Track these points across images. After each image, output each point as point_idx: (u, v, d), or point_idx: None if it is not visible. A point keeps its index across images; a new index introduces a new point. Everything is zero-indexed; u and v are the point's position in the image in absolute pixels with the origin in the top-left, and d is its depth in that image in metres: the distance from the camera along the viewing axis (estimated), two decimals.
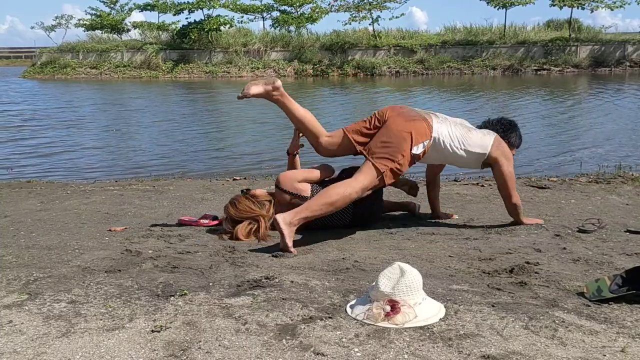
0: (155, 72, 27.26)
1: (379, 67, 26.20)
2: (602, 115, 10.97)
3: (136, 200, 4.26)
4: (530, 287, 2.33)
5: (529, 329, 1.91)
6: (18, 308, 2.13)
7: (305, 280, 2.38)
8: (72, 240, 3.10)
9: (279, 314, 2.03)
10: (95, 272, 2.53)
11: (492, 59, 26.27)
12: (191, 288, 2.30)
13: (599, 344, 1.81)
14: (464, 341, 1.82)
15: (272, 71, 26.67)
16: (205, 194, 4.49)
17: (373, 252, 2.88)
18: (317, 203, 2.95)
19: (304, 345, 1.80)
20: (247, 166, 6.98)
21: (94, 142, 9.20)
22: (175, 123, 11.55)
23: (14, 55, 49.00)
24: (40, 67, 29.04)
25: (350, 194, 3.00)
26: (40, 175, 6.42)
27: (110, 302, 2.16)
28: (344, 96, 17.54)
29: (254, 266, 2.61)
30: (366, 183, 3.07)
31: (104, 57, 28.61)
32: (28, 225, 3.51)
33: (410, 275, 2.04)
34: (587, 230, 3.28)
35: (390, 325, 1.93)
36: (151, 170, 6.70)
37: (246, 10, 30.72)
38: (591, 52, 26.21)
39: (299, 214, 2.88)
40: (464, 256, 2.81)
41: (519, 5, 27.64)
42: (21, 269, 2.57)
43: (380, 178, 3.08)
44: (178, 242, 3.09)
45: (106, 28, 31.28)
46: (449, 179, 5.36)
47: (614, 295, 2.16)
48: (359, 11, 28.47)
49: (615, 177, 5.10)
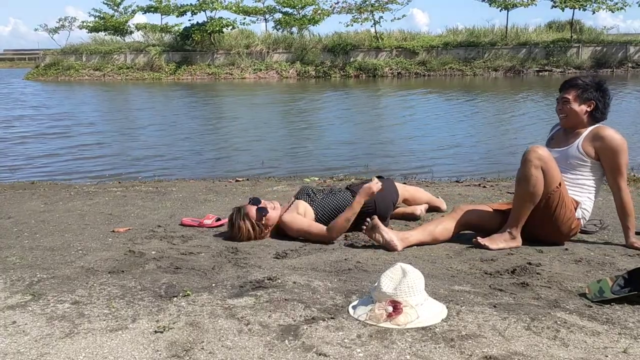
0: (158, 74, 27.32)
1: (380, 68, 26.22)
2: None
3: (139, 202, 4.27)
4: (532, 287, 2.33)
5: (531, 329, 1.91)
6: (22, 309, 2.14)
7: (308, 281, 2.38)
8: (76, 241, 3.12)
9: (281, 314, 2.04)
10: (99, 273, 2.54)
11: (494, 60, 26.26)
12: (194, 289, 2.30)
13: (601, 345, 1.81)
14: (466, 342, 1.82)
15: (275, 73, 26.71)
16: (208, 195, 4.50)
17: (375, 253, 2.88)
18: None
19: (306, 345, 1.81)
20: (250, 167, 6.99)
21: (98, 143, 9.21)
22: (177, 124, 11.56)
23: (18, 57, 49.11)
24: (43, 69, 29.14)
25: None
26: (43, 176, 6.44)
27: (113, 303, 2.17)
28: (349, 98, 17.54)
29: (257, 267, 2.62)
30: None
31: (107, 59, 28.69)
32: (32, 226, 3.52)
33: (412, 276, 2.04)
34: (589, 231, 3.28)
35: (392, 325, 1.94)
36: (154, 171, 6.71)
37: (248, 12, 30.77)
38: (593, 53, 26.18)
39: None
40: (465, 257, 2.81)
41: (520, 6, 27.65)
42: (25, 270, 2.58)
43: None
44: (181, 243, 3.10)
45: (109, 30, 31.35)
46: (450, 180, 5.37)
47: (616, 296, 2.15)
48: (360, 13, 28.50)
49: None
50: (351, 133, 10.31)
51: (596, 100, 2.99)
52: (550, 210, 2.90)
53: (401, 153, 8.00)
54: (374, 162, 7.17)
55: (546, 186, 2.84)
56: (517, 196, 2.93)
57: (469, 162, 7.18)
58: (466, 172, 6.24)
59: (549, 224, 2.94)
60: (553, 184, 2.85)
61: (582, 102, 3.00)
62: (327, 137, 9.85)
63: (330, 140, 9.33)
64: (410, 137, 9.47)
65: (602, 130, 2.97)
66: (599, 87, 3.01)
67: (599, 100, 2.99)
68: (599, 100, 2.99)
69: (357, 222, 3.28)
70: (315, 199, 3.32)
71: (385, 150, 8.34)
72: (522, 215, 2.91)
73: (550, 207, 2.89)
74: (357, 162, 7.13)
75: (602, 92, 3.01)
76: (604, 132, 2.96)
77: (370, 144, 8.95)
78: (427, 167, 6.73)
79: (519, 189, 2.90)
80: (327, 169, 6.63)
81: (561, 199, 2.89)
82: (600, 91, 3.00)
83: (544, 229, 2.97)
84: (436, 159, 7.41)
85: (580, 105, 3.00)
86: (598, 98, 2.99)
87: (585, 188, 3.02)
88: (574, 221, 2.97)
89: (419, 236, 3.01)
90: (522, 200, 2.89)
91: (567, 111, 3.03)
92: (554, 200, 2.88)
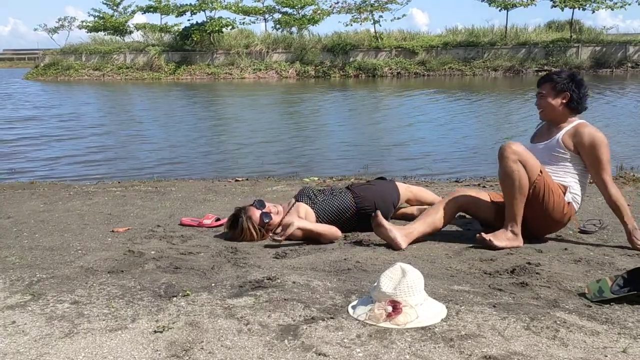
0: (158, 74, 27.32)
1: (380, 68, 26.23)
2: (603, 116, 10.97)
3: (138, 201, 4.27)
4: (531, 287, 2.33)
5: (531, 329, 1.91)
6: (21, 309, 2.14)
7: (307, 281, 2.38)
8: (75, 241, 3.12)
9: (281, 314, 2.04)
10: (98, 272, 2.54)
11: (494, 60, 26.27)
12: (193, 289, 2.31)
13: (601, 345, 1.81)
14: (466, 342, 1.82)
15: (274, 72, 26.71)
16: (207, 195, 4.50)
17: (374, 253, 2.88)
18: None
19: (305, 345, 1.81)
20: (249, 167, 6.99)
21: (98, 143, 9.21)
22: (177, 124, 11.56)
23: (17, 57, 49.09)
24: (43, 69, 29.13)
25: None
26: (43, 176, 6.44)
27: (113, 303, 2.17)
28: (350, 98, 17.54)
29: (256, 267, 2.62)
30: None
31: (107, 58, 28.69)
32: (31, 226, 3.52)
33: (411, 275, 2.04)
34: (589, 230, 3.28)
35: (391, 325, 1.94)
36: (153, 171, 6.71)
37: (248, 12, 30.77)
38: (592, 53, 26.19)
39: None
40: (465, 257, 2.81)
41: (520, 6, 27.66)
42: (24, 270, 2.58)
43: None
44: (180, 243, 3.10)
45: (109, 30, 31.35)
46: (450, 180, 5.37)
47: (616, 295, 2.16)
48: (360, 13, 28.51)
49: (616, 177, 5.09)
50: (351, 133, 10.32)
51: (570, 91, 3.07)
52: (538, 199, 2.95)
53: (401, 153, 8.00)
54: (374, 162, 7.17)
55: (528, 177, 2.91)
56: (507, 195, 2.97)
57: (468, 162, 7.18)
58: (466, 172, 6.24)
59: (540, 212, 2.98)
60: (534, 173, 2.92)
61: (556, 94, 3.09)
62: (327, 137, 9.85)
63: (329, 140, 9.34)
64: (411, 138, 9.46)
65: (581, 127, 3.05)
66: (572, 79, 3.10)
67: (573, 91, 3.07)
68: (573, 91, 3.07)
69: (359, 223, 3.28)
70: (316, 201, 3.31)
71: (385, 150, 8.34)
72: (517, 210, 2.95)
73: (538, 195, 2.95)
74: (357, 162, 7.13)
75: (575, 84, 3.09)
76: (583, 128, 3.04)
77: (370, 143, 8.95)
78: (426, 167, 6.74)
79: (505, 187, 2.95)
80: (327, 169, 6.63)
81: (546, 185, 2.95)
82: (574, 82, 3.09)
83: (537, 220, 3.02)
84: (436, 159, 7.42)
85: (556, 98, 3.09)
86: (572, 89, 3.07)
87: (571, 175, 3.08)
88: (564, 205, 3.01)
89: (422, 228, 3.06)
90: (512, 197, 2.94)
91: (544, 105, 3.13)
92: (539, 189, 2.94)
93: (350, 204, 3.29)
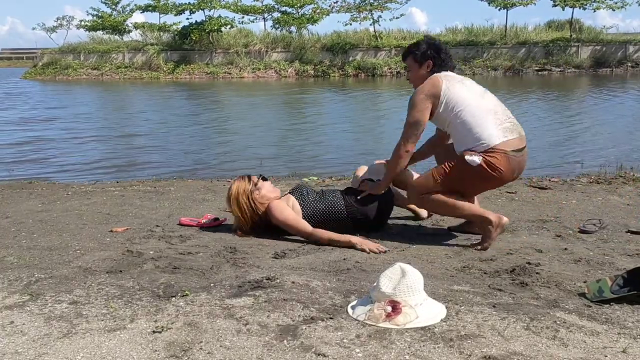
0: (157, 73, 27.29)
1: (380, 67, 26.21)
2: (603, 116, 10.97)
3: (137, 201, 4.27)
4: (531, 287, 2.33)
5: (530, 329, 1.91)
6: (19, 309, 2.13)
7: (307, 281, 2.38)
8: (74, 241, 3.11)
9: (280, 314, 2.03)
10: (97, 272, 2.53)
11: (493, 59, 26.26)
12: (192, 289, 2.30)
13: (600, 345, 1.81)
14: (465, 342, 1.82)
15: (274, 72, 26.70)
16: (206, 195, 4.49)
17: (374, 253, 2.88)
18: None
19: (305, 346, 1.80)
20: (249, 166, 6.98)
21: (96, 143, 9.20)
22: (176, 124, 11.55)
23: (15, 56, 49.06)
24: (41, 68, 29.09)
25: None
26: (41, 176, 6.43)
27: (111, 303, 2.16)
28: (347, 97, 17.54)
29: (255, 267, 2.62)
30: None
31: (105, 58, 28.65)
32: (29, 226, 3.51)
33: (411, 275, 2.04)
34: (588, 230, 3.28)
35: (391, 325, 1.93)
36: (152, 171, 6.70)
37: (247, 11, 30.74)
38: (592, 52, 26.19)
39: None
40: (464, 257, 2.81)
41: (520, 5, 27.65)
42: (22, 270, 2.57)
43: None
44: (179, 243, 3.09)
45: (107, 29, 31.33)
46: None
47: (616, 295, 2.15)
48: (359, 12, 28.50)
49: (616, 177, 5.10)
50: (351, 133, 10.31)
51: (431, 58, 3.15)
52: (453, 184, 3.00)
53: None
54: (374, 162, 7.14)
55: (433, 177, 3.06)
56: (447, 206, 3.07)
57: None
58: None
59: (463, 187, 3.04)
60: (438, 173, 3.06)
61: (420, 65, 3.17)
62: (327, 136, 9.84)
63: (329, 139, 9.33)
64: None
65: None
66: (430, 45, 3.18)
67: (434, 57, 3.16)
68: (434, 57, 3.16)
69: (355, 225, 3.27)
70: (306, 200, 3.32)
71: (385, 150, 8.32)
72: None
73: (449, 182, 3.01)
74: (357, 162, 7.11)
75: (434, 49, 3.17)
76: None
77: (370, 143, 8.94)
78: (426, 167, 6.72)
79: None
80: (327, 169, 6.62)
81: (443, 172, 3.04)
82: (433, 48, 3.17)
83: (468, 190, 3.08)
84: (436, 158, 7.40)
85: (420, 68, 3.17)
86: (433, 55, 3.16)
87: (459, 134, 3.03)
88: (470, 168, 2.92)
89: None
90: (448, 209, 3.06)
91: (412, 77, 3.23)
92: (444, 176, 3.03)
93: (340, 209, 3.29)
